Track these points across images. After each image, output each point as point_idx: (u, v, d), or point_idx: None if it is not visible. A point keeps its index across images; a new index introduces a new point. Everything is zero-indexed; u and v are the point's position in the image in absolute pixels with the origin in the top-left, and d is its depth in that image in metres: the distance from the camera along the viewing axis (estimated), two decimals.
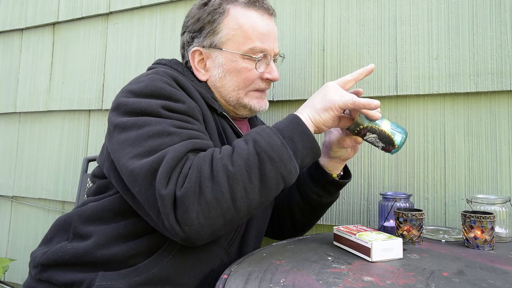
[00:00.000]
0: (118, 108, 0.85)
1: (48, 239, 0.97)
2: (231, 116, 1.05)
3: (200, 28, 1.00)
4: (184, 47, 1.05)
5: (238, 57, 0.98)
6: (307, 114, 0.83)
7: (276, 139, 0.76)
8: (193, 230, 0.72)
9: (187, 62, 1.05)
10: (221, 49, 0.99)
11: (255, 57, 0.98)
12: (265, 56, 1.00)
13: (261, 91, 1.05)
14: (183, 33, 1.06)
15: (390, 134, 0.86)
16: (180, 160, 0.75)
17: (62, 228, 0.95)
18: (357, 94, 0.94)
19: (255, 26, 0.99)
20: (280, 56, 1.10)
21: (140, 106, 0.82)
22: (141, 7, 1.63)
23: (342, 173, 1.06)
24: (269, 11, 1.03)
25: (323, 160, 1.02)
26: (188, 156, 0.76)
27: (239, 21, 0.98)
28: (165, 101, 0.84)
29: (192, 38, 1.02)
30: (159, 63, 1.02)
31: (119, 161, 0.79)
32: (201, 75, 1.02)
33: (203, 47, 1.00)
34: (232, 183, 0.72)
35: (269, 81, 1.04)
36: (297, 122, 0.80)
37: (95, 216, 0.90)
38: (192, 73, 1.03)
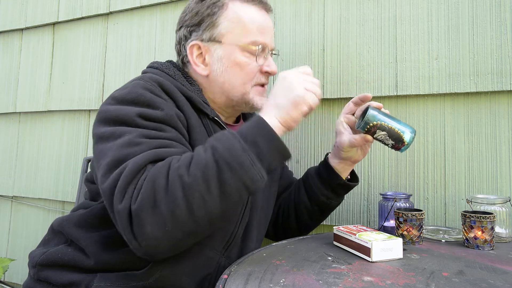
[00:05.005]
0: (99, 115, 0.85)
1: (46, 241, 0.97)
2: (223, 121, 1.02)
3: (199, 22, 1.00)
4: (181, 42, 1.03)
5: (238, 50, 0.98)
6: (274, 115, 0.81)
7: (236, 144, 0.73)
8: (150, 244, 0.70)
9: (184, 57, 1.03)
10: (221, 41, 0.98)
11: (255, 48, 0.98)
12: (263, 49, 1.00)
13: (263, 86, 1.04)
14: (179, 29, 1.04)
15: (399, 131, 0.87)
16: (138, 173, 0.73)
17: (58, 232, 0.96)
18: (366, 98, 0.95)
19: (254, 20, 0.99)
20: (274, 53, 1.10)
21: (119, 115, 0.82)
22: (141, 7, 1.63)
23: (349, 176, 1.07)
24: (266, 7, 1.04)
25: (334, 162, 1.03)
26: (147, 167, 0.74)
27: (239, 14, 0.98)
28: (143, 108, 0.83)
29: (190, 32, 1.01)
30: (151, 66, 1.01)
31: (97, 172, 0.80)
32: (201, 70, 1.00)
33: (202, 40, 0.99)
34: (188, 194, 0.69)
35: (267, 74, 1.03)
36: (262, 123, 0.78)
37: (83, 222, 0.91)
38: (184, 75, 1.01)
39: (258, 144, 0.74)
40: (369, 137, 0.91)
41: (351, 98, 1.02)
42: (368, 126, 0.88)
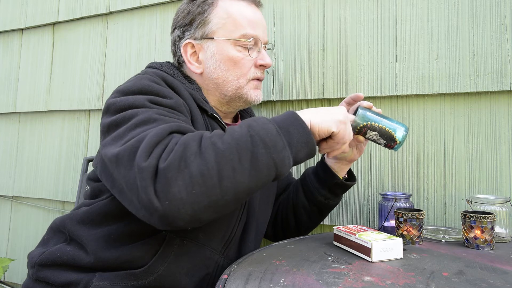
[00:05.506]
0: (108, 109, 0.84)
1: (45, 241, 0.97)
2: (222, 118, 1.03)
3: (190, 21, 1.01)
4: (175, 43, 1.05)
5: (230, 44, 0.99)
6: (308, 116, 0.80)
7: (271, 127, 0.73)
8: (173, 206, 0.65)
9: (179, 57, 1.04)
10: (213, 38, 0.99)
11: (247, 41, 0.99)
12: (256, 43, 1.01)
13: (258, 80, 1.05)
14: (173, 30, 1.06)
15: (390, 130, 0.87)
16: (164, 138, 0.71)
17: (58, 231, 0.96)
18: (358, 97, 0.94)
19: (244, 14, 1.01)
20: (268, 48, 1.10)
21: (127, 102, 0.81)
22: (141, 7, 1.63)
23: (346, 176, 1.07)
24: (256, 1, 1.05)
25: (330, 162, 1.03)
26: (173, 135, 0.73)
27: (228, 10, 1.00)
28: (152, 96, 0.83)
29: (183, 32, 1.03)
30: (151, 67, 1.01)
31: (107, 153, 0.76)
32: (195, 68, 1.01)
33: (195, 39, 1.01)
34: (220, 161, 0.67)
35: (262, 67, 1.04)
36: (294, 116, 0.78)
37: (85, 219, 0.90)
38: (183, 75, 1.01)
39: (290, 132, 0.74)
40: (360, 137, 0.91)
41: None
42: (359, 127, 0.88)
